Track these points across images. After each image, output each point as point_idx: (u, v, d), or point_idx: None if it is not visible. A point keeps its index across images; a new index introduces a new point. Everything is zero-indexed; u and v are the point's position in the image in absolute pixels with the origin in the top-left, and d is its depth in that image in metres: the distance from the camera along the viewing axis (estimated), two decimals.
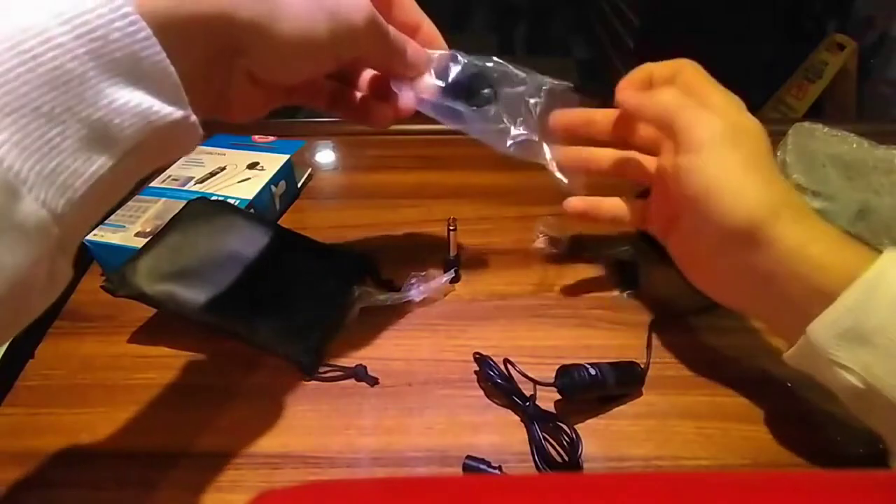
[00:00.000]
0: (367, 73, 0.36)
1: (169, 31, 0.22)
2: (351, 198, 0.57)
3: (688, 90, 0.35)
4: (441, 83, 0.35)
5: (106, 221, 0.45)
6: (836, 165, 0.49)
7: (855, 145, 0.50)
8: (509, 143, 0.37)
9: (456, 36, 0.36)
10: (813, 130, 0.52)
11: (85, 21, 0.20)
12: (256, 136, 0.57)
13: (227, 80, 0.28)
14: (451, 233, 0.44)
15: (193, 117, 0.24)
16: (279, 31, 0.25)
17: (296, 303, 0.40)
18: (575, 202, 0.40)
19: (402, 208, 0.53)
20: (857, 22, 1.56)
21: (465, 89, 0.35)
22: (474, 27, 2.16)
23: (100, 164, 0.21)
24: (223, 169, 0.51)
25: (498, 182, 0.56)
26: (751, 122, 0.33)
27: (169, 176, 0.51)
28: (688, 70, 0.35)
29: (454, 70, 0.35)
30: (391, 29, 0.31)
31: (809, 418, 0.35)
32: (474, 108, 0.35)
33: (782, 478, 0.21)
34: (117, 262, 0.39)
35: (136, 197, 0.48)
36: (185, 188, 0.49)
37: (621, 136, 0.39)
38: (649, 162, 0.39)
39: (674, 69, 0.36)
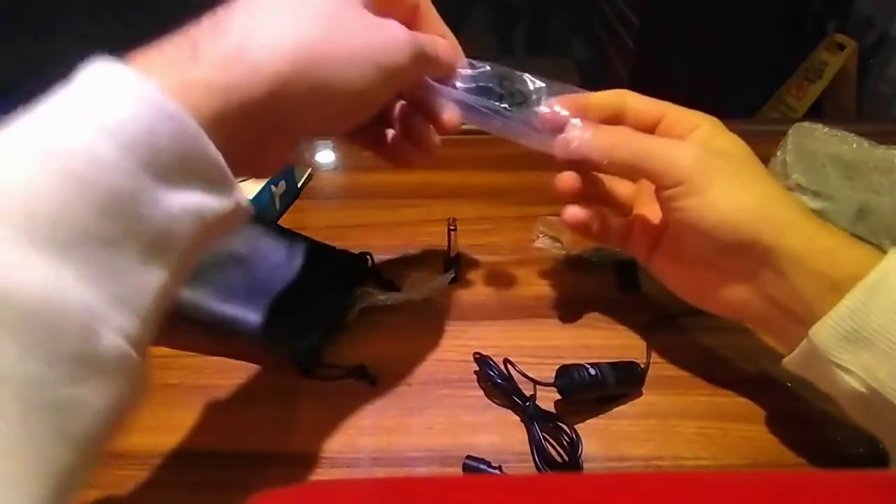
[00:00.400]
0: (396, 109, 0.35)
1: (220, 122, 0.21)
2: (351, 198, 0.57)
3: (647, 119, 0.34)
4: (472, 84, 0.34)
5: None
6: (836, 165, 0.49)
7: (855, 145, 0.50)
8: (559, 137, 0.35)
9: (456, 36, 0.36)
10: (813, 130, 0.52)
11: (130, 132, 0.19)
12: None
13: (267, 148, 0.26)
14: (451, 233, 0.44)
15: (244, 202, 0.23)
16: (332, 96, 0.25)
17: (296, 303, 0.40)
18: (575, 210, 0.37)
19: (402, 208, 0.53)
20: (857, 22, 1.56)
21: (497, 93, 0.35)
22: (474, 27, 2.16)
23: (161, 271, 0.21)
24: None
25: (498, 182, 0.56)
26: (724, 135, 0.33)
27: None
28: (633, 101, 0.34)
29: (482, 76, 0.34)
30: (423, 39, 0.29)
31: (809, 418, 0.35)
32: (510, 108, 0.35)
33: (782, 478, 0.21)
34: None
35: None
36: None
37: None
38: (626, 188, 0.39)
39: (616, 102, 0.34)
